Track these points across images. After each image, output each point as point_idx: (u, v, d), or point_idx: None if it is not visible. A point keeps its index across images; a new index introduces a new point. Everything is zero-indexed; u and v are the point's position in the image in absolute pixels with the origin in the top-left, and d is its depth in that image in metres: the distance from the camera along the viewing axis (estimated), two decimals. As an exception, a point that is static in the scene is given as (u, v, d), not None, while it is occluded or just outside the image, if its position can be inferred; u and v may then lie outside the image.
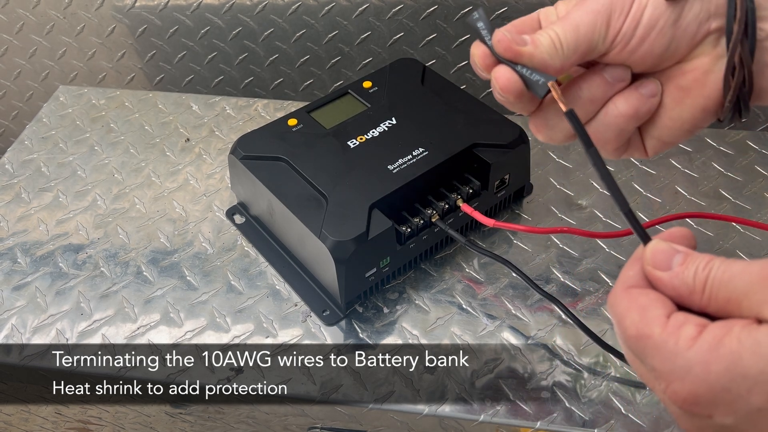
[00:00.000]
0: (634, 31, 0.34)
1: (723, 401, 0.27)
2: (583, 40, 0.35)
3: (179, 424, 0.63)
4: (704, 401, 0.27)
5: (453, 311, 0.55)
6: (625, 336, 0.30)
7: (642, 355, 0.29)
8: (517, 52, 0.35)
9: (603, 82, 0.36)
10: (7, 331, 0.56)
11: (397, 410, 0.50)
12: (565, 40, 0.34)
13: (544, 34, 0.35)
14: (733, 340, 0.26)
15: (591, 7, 0.34)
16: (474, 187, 0.57)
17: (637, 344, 0.29)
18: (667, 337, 0.28)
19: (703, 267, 0.29)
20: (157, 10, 0.86)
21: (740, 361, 0.26)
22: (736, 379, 0.26)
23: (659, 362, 0.28)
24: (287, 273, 0.58)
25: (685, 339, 0.27)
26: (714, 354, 0.26)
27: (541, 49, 0.34)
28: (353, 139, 0.59)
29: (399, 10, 0.80)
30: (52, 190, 0.69)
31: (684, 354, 0.27)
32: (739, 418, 0.27)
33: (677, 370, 0.27)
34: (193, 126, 0.75)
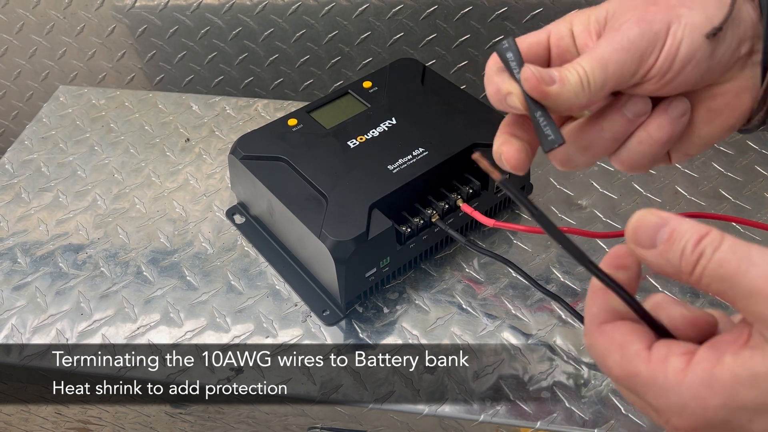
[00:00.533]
0: (669, 66, 0.33)
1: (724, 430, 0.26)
2: (612, 78, 0.33)
3: (179, 424, 0.63)
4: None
5: (453, 311, 0.55)
6: (612, 376, 0.29)
7: (634, 391, 0.28)
8: (545, 93, 0.33)
9: (623, 120, 0.35)
10: (7, 331, 0.56)
11: (397, 410, 0.50)
12: (593, 78, 0.33)
13: (572, 72, 0.33)
14: (726, 373, 0.25)
15: (621, 44, 0.33)
16: (474, 187, 0.57)
17: (626, 383, 0.28)
18: (654, 373, 0.27)
19: (692, 248, 0.26)
20: (157, 10, 0.86)
21: (737, 395, 0.25)
22: (735, 413, 0.25)
23: (653, 398, 0.27)
24: (287, 273, 0.58)
25: (674, 373, 0.26)
26: (708, 390, 0.25)
27: (568, 89, 0.33)
28: (353, 139, 0.59)
29: (399, 10, 0.80)
30: (52, 190, 0.69)
31: (676, 390, 0.26)
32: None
33: (672, 406, 0.26)
34: (193, 126, 0.75)
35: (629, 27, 0.33)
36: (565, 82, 0.33)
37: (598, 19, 0.35)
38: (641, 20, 0.33)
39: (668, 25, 0.33)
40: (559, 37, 0.36)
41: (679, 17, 0.33)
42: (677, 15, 0.33)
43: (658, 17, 0.33)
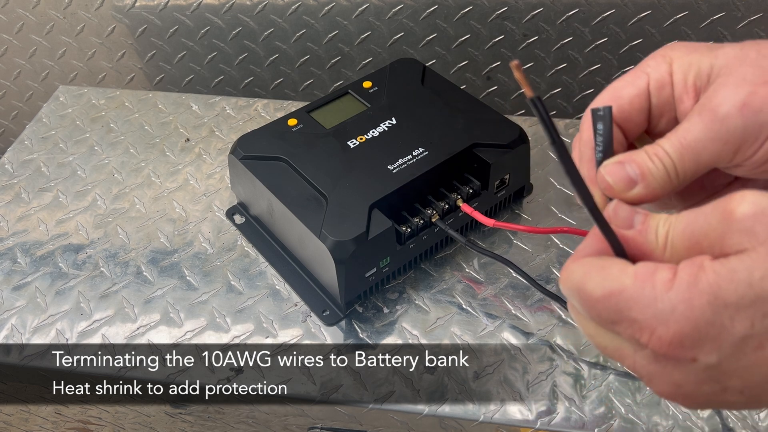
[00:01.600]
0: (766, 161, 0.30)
1: (708, 336, 0.26)
2: (703, 168, 0.30)
3: (179, 424, 0.63)
4: (689, 340, 0.26)
5: (453, 311, 0.55)
6: (591, 302, 0.28)
7: (615, 313, 0.27)
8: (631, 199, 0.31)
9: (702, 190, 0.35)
10: (7, 331, 0.56)
11: (397, 410, 0.50)
12: (683, 170, 0.30)
13: (658, 164, 0.30)
14: (709, 273, 0.26)
15: (720, 134, 0.30)
16: (474, 187, 0.57)
17: (607, 304, 0.27)
18: (642, 284, 0.27)
19: (663, 223, 0.28)
20: (157, 10, 0.86)
21: (720, 291, 0.25)
22: (719, 310, 0.25)
23: (638, 312, 0.27)
24: (287, 273, 0.58)
25: (662, 282, 0.26)
26: (694, 290, 0.26)
27: (653, 185, 0.30)
28: (353, 139, 0.59)
29: (399, 10, 0.80)
30: (52, 190, 0.69)
31: (664, 297, 0.26)
32: (724, 352, 0.26)
33: (659, 313, 0.26)
34: (193, 126, 0.75)
35: (731, 114, 0.29)
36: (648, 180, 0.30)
37: (700, 72, 0.32)
38: (747, 108, 0.29)
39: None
40: (660, 86, 0.33)
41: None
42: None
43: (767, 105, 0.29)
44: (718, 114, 0.30)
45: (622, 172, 0.31)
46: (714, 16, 0.74)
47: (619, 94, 0.34)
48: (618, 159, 0.31)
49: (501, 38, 0.80)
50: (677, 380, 0.28)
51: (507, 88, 0.85)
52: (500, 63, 0.82)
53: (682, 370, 0.27)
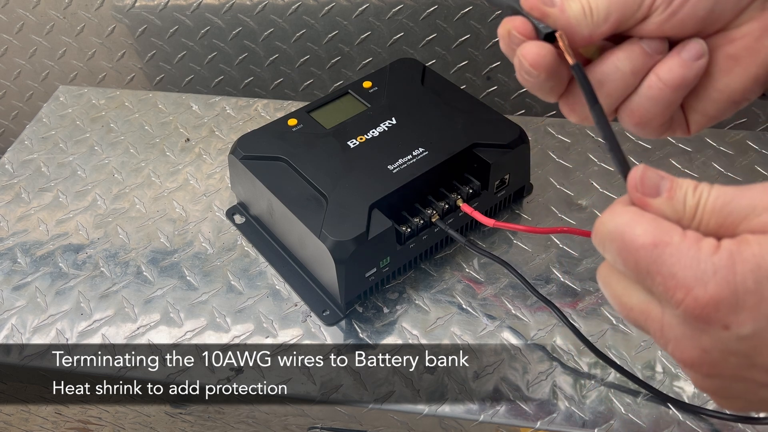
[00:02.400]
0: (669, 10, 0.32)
1: (746, 305, 0.25)
2: (616, 8, 0.32)
3: (179, 424, 0.63)
4: (726, 306, 0.26)
5: (453, 311, 0.55)
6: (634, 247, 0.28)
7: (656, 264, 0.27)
8: (544, 13, 0.33)
9: (642, 53, 0.34)
10: (7, 331, 0.56)
11: (397, 410, 0.50)
12: (596, 7, 0.32)
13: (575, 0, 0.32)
14: (754, 245, 0.26)
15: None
16: (474, 187, 0.57)
17: (651, 252, 0.27)
18: (689, 244, 0.27)
19: (692, 193, 0.28)
20: (157, 10, 0.86)
21: (765, 262, 0.25)
22: (761, 280, 0.25)
23: (680, 268, 0.26)
24: (287, 273, 0.58)
25: (708, 247, 0.26)
26: (739, 257, 0.26)
27: (568, 14, 0.32)
28: (353, 139, 0.59)
29: (399, 10, 0.80)
30: (52, 190, 0.69)
31: (708, 259, 0.26)
32: (759, 324, 0.26)
33: (701, 274, 0.26)
34: (193, 126, 0.75)
35: None
36: (564, 8, 0.32)
37: None
38: None
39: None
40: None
41: None
42: None
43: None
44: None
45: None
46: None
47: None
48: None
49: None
50: (705, 345, 0.27)
51: (507, 88, 0.85)
52: (500, 63, 0.82)
53: (712, 335, 0.27)
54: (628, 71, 0.34)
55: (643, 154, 0.68)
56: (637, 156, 0.67)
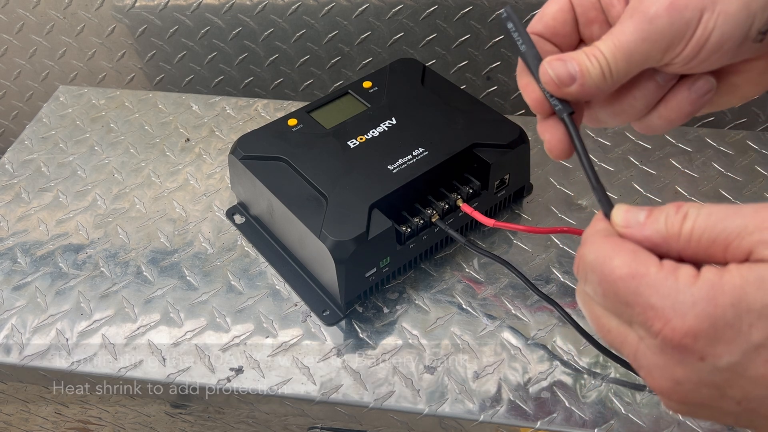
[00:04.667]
0: (695, 55, 0.32)
1: (723, 338, 0.26)
2: (636, 67, 0.33)
3: (179, 424, 0.63)
4: (704, 337, 0.26)
5: (453, 311, 0.55)
6: (612, 278, 0.28)
7: (634, 295, 0.27)
8: (567, 94, 0.33)
9: (656, 86, 0.35)
10: (7, 331, 0.56)
11: (397, 410, 0.50)
12: (616, 68, 0.32)
13: (594, 63, 0.32)
14: (735, 276, 0.26)
15: (649, 33, 0.32)
16: (474, 187, 0.57)
17: (630, 283, 0.28)
18: (665, 275, 0.27)
19: (674, 212, 0.28)
20: (157, 10, 0.86)
21: (745, 295, 0.25)
22: (740, 314, 0.25)
23: (658, 299, 0.27)
24: (287, 273, 0.58)
25: (686, 277, 0.27)
26: (719, 290, 0.26)
27: (589, 83, 0.33)
28: (353, 139, 0.59)
29: (399, 10, 0.80)
30: (52, 190, 0.69)
31: (687, 290, 0.26)
32: (735, 357, 0.26)
33: (679, 305, 0.26)
34: (193, 126, 0.75)
35: (659, 14, 0.31)
36: (585, 77, 0.33)
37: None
38: (673, 7, 0.31)
39: (701, 12, 0.31)
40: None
41: (714, 4, 0.31)
42: (712, 0, 0.31)
43: (692, 3, 0.31)
44: (648, 14, 0.31)
45: (564, 68, 0.33)
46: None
47: (543, 12, 0.36)
48: (559, 56, 0.33)
49: (501, 38, 0.80)
50: (679, 377, 0.28)
51: (507, 88, 0.85)
52: (500, 63, 0.82)
53: (687, 367, 0.27)
54: (641, 107, 0.36)
55: (643, 154, 0.68)
56: (637, 156, 0.67)
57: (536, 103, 0.35)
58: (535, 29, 0.36)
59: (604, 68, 0.32)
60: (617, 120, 0.37)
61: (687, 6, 0.31)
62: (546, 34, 0.36)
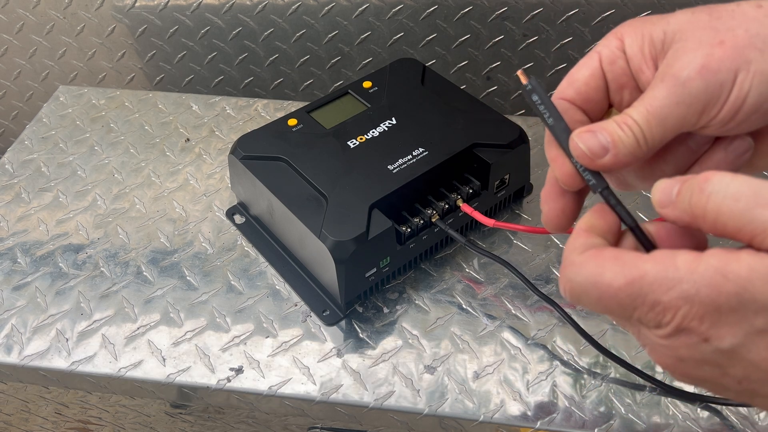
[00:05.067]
0: (732, 118, 0.31)
1: (727, 321, 0.26)
2: (671, 133, 0.31)
3: (179, 424, 0.63)
4: (708, 320, 0.26)
5: (453, 311, 0.55)
6: (612, 291, 0.28)
7: (639, 298, 0.27)
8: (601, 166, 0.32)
9: (688, 150, 0.34)
10: (7, 331, 0.56)
11: (397, 410, 0.50)
12: (651, 136, 0.31)
13: (627, 132, 0.31)
14: (743, 266, 0.26)
15: (683, 98, 0.30)
16: (474, 187, 0.57)
17: (630, 290, 0.27)
18: (664, 267, 0.27)
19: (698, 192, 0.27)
20: (157, 10, 0.86)
21: (751, 286, 0.25)
22: (745, 303, 0.25)
23: (662, 293, 0.27)
24: (287, 273, 0.58)
25: (685, 263, 0.27)
26: (723, 278, 0.26)
27: (623, 153, 0.31)
28: (353, 139, 0.59)
29: (399, 10, 0.80)
30: (52, 190, 0.69)
31: (689, 278, 0.26)
32: (738, 340, 0.26)
33: (684, 294, 0.26)
34: (193, 126, 0.75)
35: (692, 77, 0.30)
36: (618, 148, 0.31)
37: (653, 40, 0.33)
38: (706, 69, 0.30)
39: (735, 73, 0.30)
40: (611, 60, 0.34)
41: (748, 64, 0.30)
42: (746, 60, 0.30)
43: (725, 65, 0.30)
44: (680, 79, 0.30)
45: (595, 140, 0.31)
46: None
47: (574, 77, 0.35)
48: (588, 128, 0.32)
49: (501, 38, 0.80)
50: (682, 355, 0.28)
51: (507, 88, 0.85)
52: (500, 63, 0.82)
53: (691, 347, 0.27)
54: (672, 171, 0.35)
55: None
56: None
57: (568, 177, 0.34)
58: (566, 95, 0.35)
59: (638, 136, 0.31)
60: (647, 184, 0.36)
61: (720, 68, 0.30)
62: (577, 101, 0.35)
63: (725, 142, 0.33)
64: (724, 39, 0.30)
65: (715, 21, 0.31)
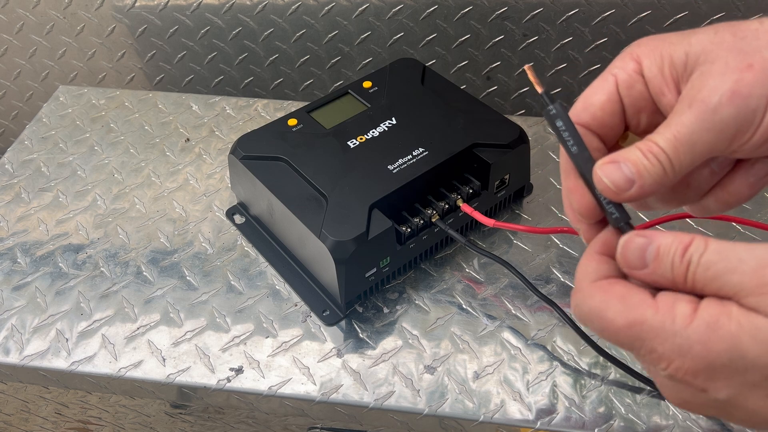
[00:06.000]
0: (763, 143, 0.30)
1: (721, 376, 0.27)
2: (700, 159, 0.30)
3: (179, 424, 0.63)
4: (702, 375, 0.27)
5: (453, 311, 0.55)
6: (613, 328, 0.29)
7: (638, 341, 0.28)
8: (627, 198, 0.30)
9: (710, 174, 0.33)
10: (7, 331, 0.56)
11: (397, 410, 0.50)
12: (678, 162, 0.30)
13: (654, 161, 0.29)
14: (732, 322, 0.26)
15: (713, 123, 0.29)
16: (474, 187, 0.57)
17: (629, 332, 0.28)
18: (662, 317, 0.28)
19: (679, 260, 0.28)
20: (157, 10, 0.86)
21: (740, 344, 0.26)
22: (736, 359, 0.26)
23: (658, 344, 0.28)
24: (287, 273, 0.58)
25: (682, 317, 0.27)
26: (714, 334, 0.26)
27: (649, 183, 0.30)
28: (353, 139, 0.59)
29: (399, 10, 0.80)
30: (52, 190, 0.69)
31: (683, 333, 0.27)
32: (734, 391, 0.27)
33: (677, 348, 0.27)
34: (193, 126, 0.75)
35: (723, 104, 0.29)
36: (645, 177, 0.30)
37: (674, 62, 0.31)
38: (736, 95, 0.29)
39: (767, 98, 0.29)
40: (629, 85, 0.33)
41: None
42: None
43: (756, 90, 0.29)
44: (710, 105, 0.29)
45: (619, 172, 0.30)
46: (714, 16, 0.74)
47: (590, 102, 0.33)
48: (611, 158, 0.30)
49: (501, 38, 0.80)
50: (686, 398, 0.29)
51: (507, 88, 0.85)
52: (500, 63, 0.82)
53: (692, 393, 0.29)
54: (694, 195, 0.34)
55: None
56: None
57: (588, 210, 0.32)
58: (581, 120, 0.33)
59: (665, 165, 0.30)
60: (667, 206, 0.36)
61: (751, 93, 0.29)
62: (593, 126, 0.33)
63: (747, 165, 0.33)
64: (753, 62, 0.29)
65: (740, 42, 0.30)
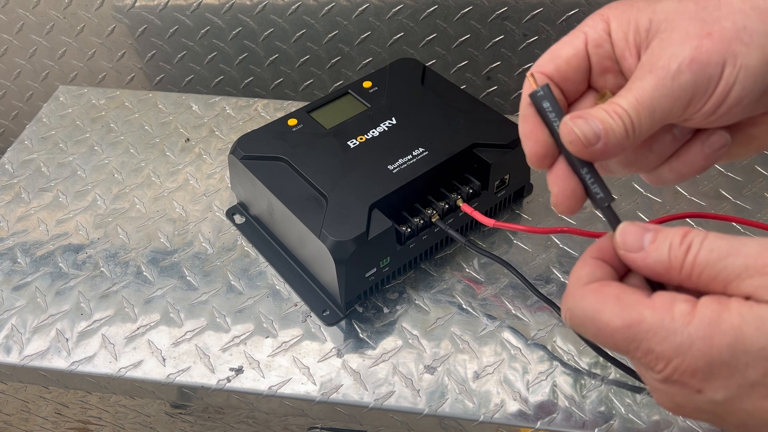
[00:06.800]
0: (715, 110, 0.31)
1: (720, 375, 0.26)
2: (657, 124, 0.31)
3: (179, 424, 0.63)
4: (700, 374, 0.27)
5: (453, 311, 0.55)
6: (609, 331, 0.28)
7: (634, 342, 0.28)
8: (591, 154, 0.31)
9: (672, 140, 0.34)
10: (7, 331, 0.56)
11: (397, 410, 0.50)
12: (639, 126, 0.31)
13: (617, 120, 0.30)
14: (734, 315, 0.26)
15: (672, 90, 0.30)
16: (474, 187, 0.57)
17: (626, 334, 0.28)
18: (661, 316, 0.27)
19: (678, 242, 0.28)
20: (157, 10, 0.86)
21: (743, 336, 0.26)
22: (737, 354, 0.26)
23: (656, 343, 0.27)
24: (287, 273, 0.58)
25: (681, 315, 0.27)
26: (716, 329, 0.26)
27: (613, 142, 0.31)
28: (353, 139, 0.59)
29: (399, 10, 0.80)
30: (52, 190, 0.69)
31: (683, 330, 0.27)
32: (731, 392, 0.27)
33: (678, 347, 0.27)
34: (193, 126, 0.75)
35: (682, 70, 0.30)
36: (609, 136, 0.30)
37: (638, 27, 0.32)
38: (695, 62, 0.30)
39: (722, 67, 0.30)
40: (597, 44, 0.34)
41: (735, 57, 0.30)
42: (733, 54, 0.30)
43: (713, 58, 0.30)
44: (670, 71, 0.30)
45: (587, 126, 0.31)
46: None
47: (557, 54, 0.34)
48: (579, 114, 0.31)
49: (501, 38, 0.80)
50: (679, 401, 0.29)
51: (507, 88, 0.85)
52: (500, 63, 0.82)
53: (686, 395, 0.28)
54: (655, 160, 0.35)
55: (643, 154, 0.68)
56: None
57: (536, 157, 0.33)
58: (545, 69, 0.34)
59: (627, 125, 0.30)
60: (628, 171, 0.36)
61: (709, 61, 0.30)
62: (556, 78, 0.34)
63: (703, 135, 0.34)
64: (712, 31, 0.30)
65: (702, 11, 0.31)
